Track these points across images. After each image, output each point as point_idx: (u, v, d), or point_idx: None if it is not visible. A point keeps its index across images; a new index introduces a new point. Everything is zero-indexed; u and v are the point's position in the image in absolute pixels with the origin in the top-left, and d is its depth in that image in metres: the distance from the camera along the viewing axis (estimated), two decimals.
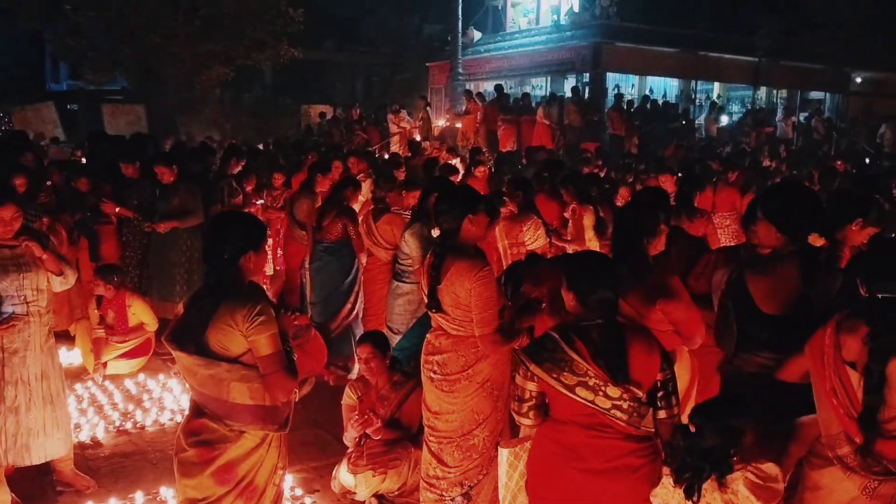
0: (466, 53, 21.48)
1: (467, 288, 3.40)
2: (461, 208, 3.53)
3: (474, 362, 3.53)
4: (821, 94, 23.92)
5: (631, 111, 17.80)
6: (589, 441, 2.70)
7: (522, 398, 2.82)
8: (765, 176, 10.43)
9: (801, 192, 3.31)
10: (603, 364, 2.62)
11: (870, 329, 2.45)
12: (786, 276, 3.05)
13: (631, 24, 19.49)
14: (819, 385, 2.59)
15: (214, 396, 2.82)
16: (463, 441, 3.59)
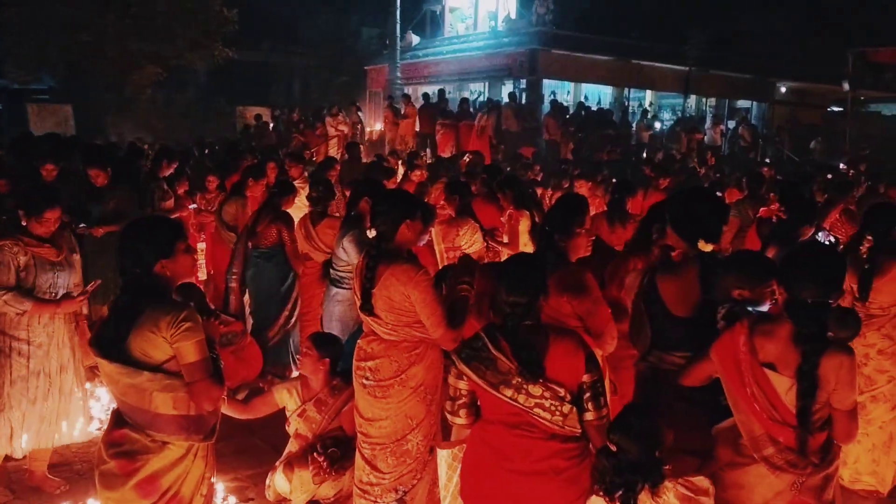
0: (405, 57, 21.50)
1: (403, 293, 3.39)
2: (399, 212, 3.51)
3: (407, 367, 3.51)
4: (747, 103, 24.76)
5: (567, 117, 18.09)
6: (514, 441, 2.72)
7: (454, 397, 2.85)
8: (695, 182, 10.71)
9: (701, 199, 3.38)
10: (520, 360, 2.67)
11: (800, 332, 2.52)
12: (690, 279, 3.15)
13: (566, 32, 19.82)
14: (736, 390, 2.64)
15: (137, 406, 2.73)
16: (396, 447, 3.56)
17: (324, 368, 4.15)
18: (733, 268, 3.04)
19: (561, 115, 17.81)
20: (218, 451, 3.92)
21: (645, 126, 19.30)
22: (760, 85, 23.55)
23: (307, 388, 4.20)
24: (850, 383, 2.48)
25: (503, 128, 17.19)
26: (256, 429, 5.11)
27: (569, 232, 3.55)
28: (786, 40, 23.02)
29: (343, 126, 18.07)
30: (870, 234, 4.44)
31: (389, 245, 3.50)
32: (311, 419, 4.14)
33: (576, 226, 3.58)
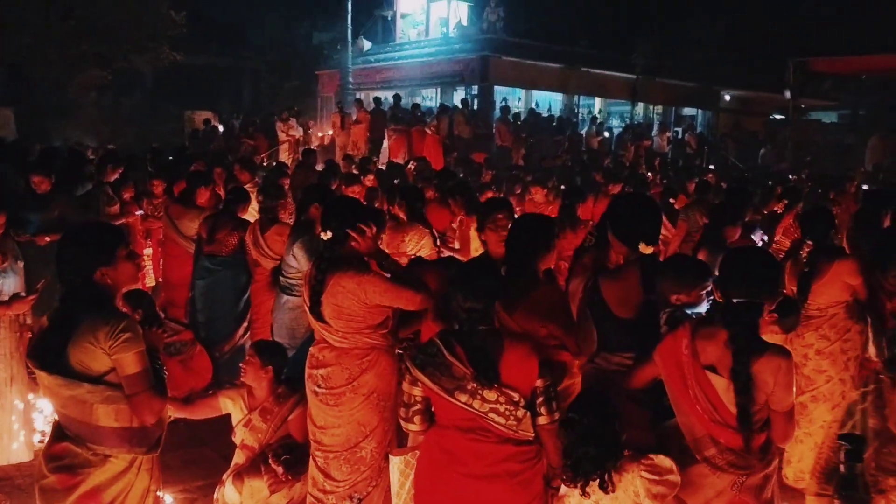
0: (357, 63, 21.44)
1: (354, 299, 3.39)
2: (350, 219, 3.52)
3: (359, 374, 3.50)
4: (693, 111, 25.31)
5: (518, 123, 18.26)
6: (469, 445, 2.74)
7: (408, 403, 2.85)
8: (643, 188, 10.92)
9: (639, 204, 3.47)
10: (475, 366, 2.69)
11: (729, 333, 2.60)
12: (632, 282, 3.23)
13: (517, 40, 20.02)
14: (678, 392, 2.71)
15: (77, 418, 2.67)
16: (350, 454, 3.55)
17: (267, 376, 4.10)
18: (668, 273, 3.13)
19: (512, 122, 17.97)
20: (166, 462, 3.86)
21: (594, 133, 19.59)
22: (705, 93, 24.12)
23: (252, 397, 4.14)
24: (788, 385, 2.56)
25: (455, 133, 17.26)
26: (208, 439, 5.03)
27: (549, 248, 3.50)
28: (729, 50, 23.65)
29: (294, 131, 17.92)
30: (810, 238, 4.62)
31: (340, 251, 3.51)
32: (256, 429, 4.09)
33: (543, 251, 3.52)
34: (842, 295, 4.36)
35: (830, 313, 4.41)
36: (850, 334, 4.35)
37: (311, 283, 3.51)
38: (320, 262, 3.50)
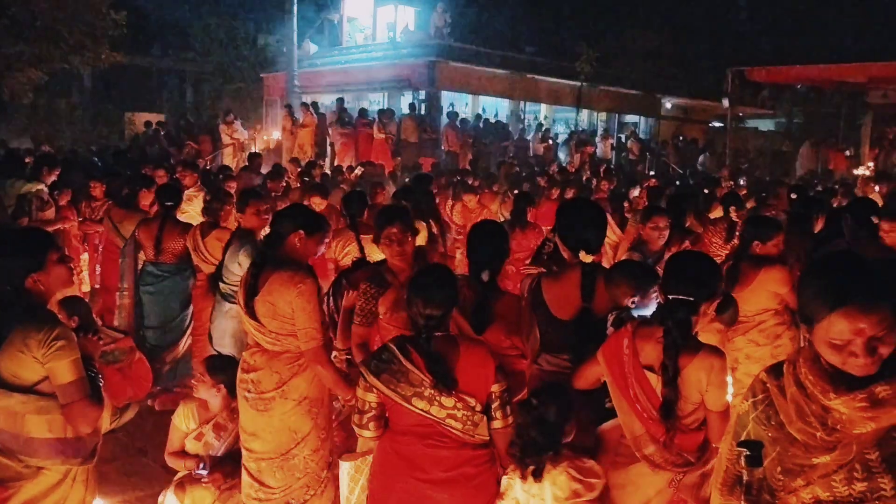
0: (303, 66, 21.24)
1: (287, 300, 3.38)
2: (294, 222, 3.51)
3: (289, 378, 3.48)
4: (636, 118, 25.83)
5: (465, 129, 18.37)
6: (426, 451, 2.74)
7: (363, 410, 2.82)
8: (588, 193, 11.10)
9: (584, 211, 3.54)
10: (433, 374, 2.68)
11: (663, 329, 2.67)
12: (571, 286, 3.30)
13: (464, 46, 20.12)
14: (620, 391, 2.77)
15: (7, 430, 2.58)
16: (283, 461, 3.51)
17: (220, 393, 4.04)
18: (622, 276, 3.19)
19: (460, 127, 18.07)
20: (103, 473, 3.78)
21: (540, 139, 19.83)
22: (647, 100, 24.65)
23: (204, 409, 4.07)
24: (721, 385, 2.63)
25: (402, 138, 17.27)
26: (148, 449, 4.93)
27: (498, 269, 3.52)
28: (671, 59, 24.24)
29: (238, 134, 17.69)
30: (757, 241, 4.58)
31: (278, 251, 3.49)
32: (208, 444, 4.02)
33: (503, 260, 3.55)
34: (769, 303, 4.46)
35: (758, 320, 4.51)
36: (782, 340, 4.46)
37: (246, 279, 3.50)
38: (257, 260, 3.52)
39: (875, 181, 11.33)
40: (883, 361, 1.67)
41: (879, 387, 1.65)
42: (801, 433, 1.78)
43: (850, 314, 1.65)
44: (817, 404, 1.74)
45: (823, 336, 1.70)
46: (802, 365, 1.79)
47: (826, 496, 1.73)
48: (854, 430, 1.69)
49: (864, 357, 1.64)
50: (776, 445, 1.82)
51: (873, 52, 17.71)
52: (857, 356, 1.65)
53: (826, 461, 1.73)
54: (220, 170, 11.29)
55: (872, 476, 1.67)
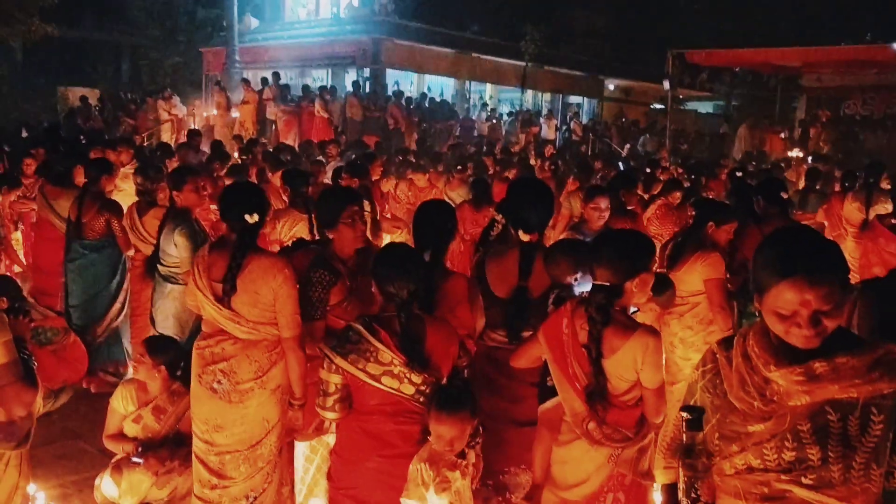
0: (243, 41, 20.79)
1: (271, 287, 3.27)
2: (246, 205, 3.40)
3: (268, 367, 3.37)
4: (580, 99, 26.11)
5: (411, 108, 18.28)
6: (397, 428, 2.75)
7: (327, 392, 2.78)
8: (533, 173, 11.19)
9: (530, 192, 3.57)
10: (405, 351, 2.69)
11: (587, 308, 2.73)
12: (510, 264, 3.35)
13: (409, 23, 19.99)
14: (560, 369, 2.81)
15: None
16: (250, 452, 3.40)
17: (161, 375, 3.96)
18: (565, 255, 3.22)
19: (405, 106, 17.97)
20: (37, 457, 3.68)
21: (485, 118, 19.87)
22: (591, 82, 24.94)
23: (143, 391, 3.99)
24: (656, 364, 2.69)
25: (347, 116, 17.10)
26: (83, 432, 4.83)
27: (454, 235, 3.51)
28: (614, 40, 24.53)
29: (177, 110, 17.25)
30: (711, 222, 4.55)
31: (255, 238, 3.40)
32: (147, 427, 3.94)
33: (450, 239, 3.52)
34: (701, 286, 4.46)
35: (692, 302, 4.51)
36: (714, 326, 4.51)
37: (226, 271, 3.31)
38: (237, 245, 3.33)
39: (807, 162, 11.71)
40: (825, 339, 1.73)
41: (817, 363, 1.71)
42: (740, 401, 1.85)
43: (797, 284, 1.69)
44: (759, 376, 1.81)
45: (771, 305, 1.75)
46: (751, 338, 1.85)
47: (757, 463, 1.80)
48: (790, 401, 1.76)
49: (808, 329, 1.69)
50: (717, 413, 1.90)
51: (808, 37, 18.25)
52: (801, 327, 1.70)
53: (760, 430, 1.80)
54: (157, 147, 11.01)
55: (802, 446, 1.74)
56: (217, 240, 3.59)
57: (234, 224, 3.36)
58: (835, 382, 1.71)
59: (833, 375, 1.71)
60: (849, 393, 1.71)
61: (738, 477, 1.85)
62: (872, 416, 1.71)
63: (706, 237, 4.53)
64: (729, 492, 1.88)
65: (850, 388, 1.71)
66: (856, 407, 1.72)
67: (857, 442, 1.71)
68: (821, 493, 1.72)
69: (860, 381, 1.70)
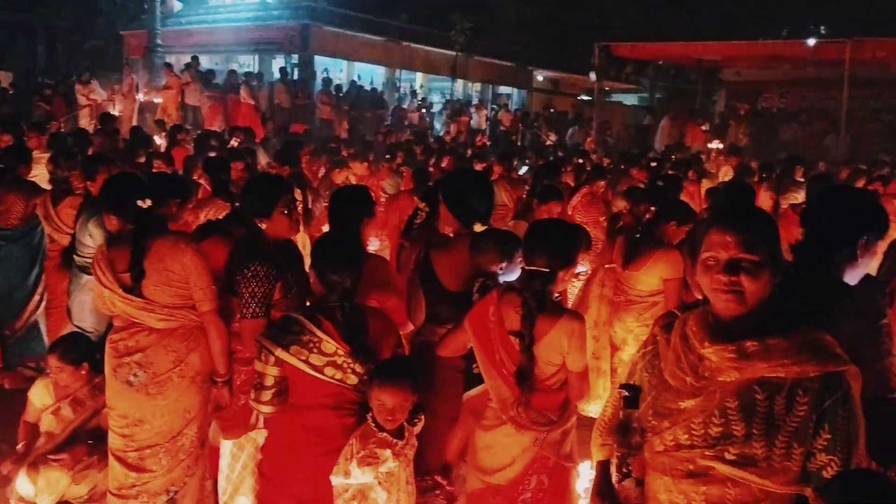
0: (166, 24, 20.14)
1: (182, 262, 3.21)
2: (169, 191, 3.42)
3: (186, 355, 3.30)
4: (509, 90, 26.31)
5: (340, 96, 18.09)
6: (338, 420, 2.74)
7: (264, 385, 2.73)
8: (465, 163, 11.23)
9: (475, 183, 3.60)
10: (349, 342, 2.68)
11: (521, 297, 2.77)
12: (462, 256, 3.34)
13: (339, 10, 19.73)
14: (486, 357, 2.86)
15: None
16: (171, 444, 3.32)
17: (84, 372, 3.87)
18: (488, 244, 3.26)
19: (334, 94, 17.77)
20: None
21: (416, 108, 19.83)
22: (520, 73, 25.15)
23: (62, 385, 3.88)
24: (581, 348, 2.77)
25: (275, 103, 16.81)
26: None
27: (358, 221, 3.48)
28: (542, 32, 24.80)
29: (96, 95, 16.62)
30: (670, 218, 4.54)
31: (158, 219, 3.36)
32: (64, 419, 3.82)
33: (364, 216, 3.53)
34: (660, 285, 4.48)
35: (651, 301, 4.55)
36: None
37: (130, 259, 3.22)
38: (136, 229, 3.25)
39: (726, 154, 12.12)
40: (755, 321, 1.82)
41: (749, 342, 1.80)
42: (673, 378, 1.93)
43: (721, 229, 1.83)
44: (694, 354, 1.89)
45: (702, 257, 1.86)
46: (690, 319, 1.94)
47: (685, 439, 1.88)
48: (720, 377, 1.84)
49: (725, 275, 1.80)
50: (653, 391, 1.97)
51: (728, 32, 18.83)
52: (720, 274, 1.81)
53: (691, 405, 1.88)
54: (73, 133, 10.57)
55: (728, 422, 1.82)
56: (112, 235, 3.48)
57: (127, 214, 3.31)
58: (764, 361, 1.79)
59: (763, 355, 1.79)
60: (777, 373, 1.80)
61: (667, 454, 1.92)
62: (798, 397, 1.79)
63: (664, 235, 4.55)
64: (657, 468, 1.95)
65: (779, 368, 1.79)
66: (783, 387, 1.80)
67: (780, 421, 1.78)
68: (743, 469, 1.79)
69: (789, 361, 1.78)
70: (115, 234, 3.43)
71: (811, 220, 2.46)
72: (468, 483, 3.00)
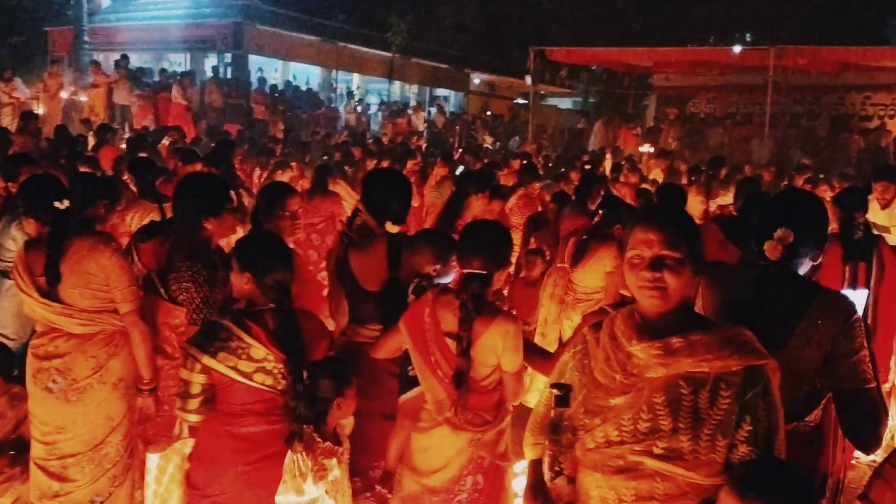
0: (93, 21, 19.55)
1: (101, 264, 3.13)
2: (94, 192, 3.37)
3: (106, 361, 3.22)
4: (447, 92, 26.42)
5: (275, 96, 17.86)
6: (268, 427, 2.67)
7: (190, 393, 2.66)
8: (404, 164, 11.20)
9: (390, 182, 3.61)
10: (281, 347, 2.62)
11: (459, 301, 2.80)
12: (378, 257, 3.35)
13: (274, 9, 19.50)
14: (422, 358, 2.85)
15: None
16: (94, 453, 3.24)
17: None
18: (423, 245, 3.27)
19: (269, 94, 17.54)
20: None
21: (353, 108, 19.73)
22: (457, 75, 25.28)
23: None
24: (516, 349, 2.79)
25: (206, 102, 16.49)
26: None
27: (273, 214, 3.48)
28: (478, 35, 25.01)
29: (18, 93, 16.01)
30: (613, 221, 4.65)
31: (77, 220, 3.26)
32: None
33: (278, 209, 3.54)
34: (602, 282, 4.57)
35: (595, 299, 4.62)
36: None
37: (46, 262, 3.14)
38: (54, 230, 3.16)
39: (656, 157, 12.43)
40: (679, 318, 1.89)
41: (675, 339, 1.87)
42: (603, 375, 1.97)
43: (645, 226, 1.89)
44: (622, 352, 1.94)
45: (627, 256, 1.91)
46: (618, 318, 1.99)
47: (615, 435, 1.92)
48: (647, 374, 1.89)
49: (649, 272, 1.86)
50: (584, 389, 2.01)
51: (658, 39, 19.33)
52: (644, 271, 1.86)
53: (620, 402, 1.92)
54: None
55: (656, 417, 1.87)
56: (31, 239, 3.37)
57: (45, 217, 3.21)
58: (689, 357, 1.85)
59: (688, 350, 1.86)
60: (701, 367, 1.86)
61: (597, 451, 1.95)
62: (721, 391, 1.85)
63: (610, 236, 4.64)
64: (588, 465, 1.98)
65: (703, 363, 1.85)
66: (707, 382, 1.86)
67: (705, 415, 1.84)
68: (670, 463, 1.84)
69: (712, 356, 1.85)
70: (34, 238, 3.33)
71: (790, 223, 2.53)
72: (404, 485, 3.00)
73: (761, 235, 2.50)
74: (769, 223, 2.50)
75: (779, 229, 2.45)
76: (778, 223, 2.47)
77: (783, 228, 2.44)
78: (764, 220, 2.57)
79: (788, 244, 2.43)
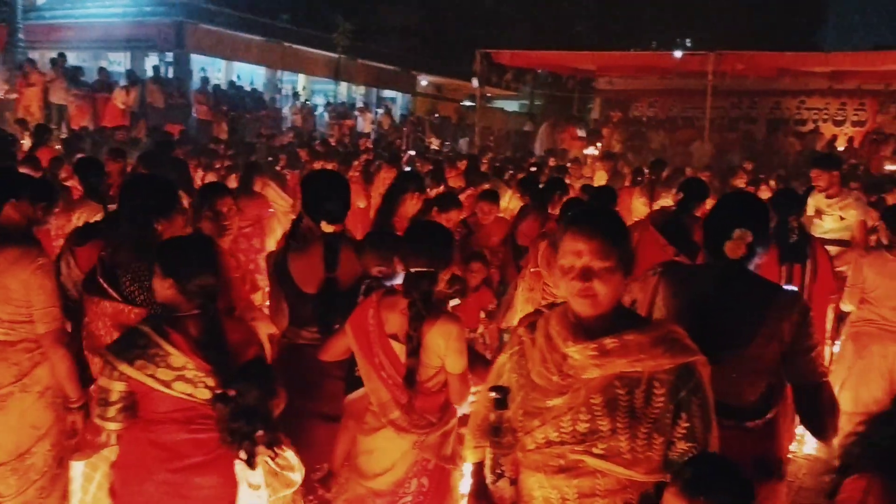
0: (28, 17, 18.93)
1: (22, 279, 3.01)
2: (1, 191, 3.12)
3: (30, 369, 3.12)
4: (393, 93, 26.37)
5: (218, 96, 17.58)
6: (190, 436, 2.58)
7: (109, 401, 2.56)
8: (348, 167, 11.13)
9: (327, 182, 3.60)
10: (204, 356, 2.54)
11: (407, 301, 2.78)
12: (315, 258, 3.33)
13: (216, 7, 19.19)
14: (366, 360, 2.84)
15: None
16: (19, 463, 3.13)
17: None
18: (370, 247, 3.26)
19: (212, 94, 17.26)
20: None
21: (298, 109, 19.54)
22: (404, 77, 25.26)
23: None
24: (459, 350, 2.80)
25: (147, 102, 16.14)
26: None
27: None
28: (425, 37, 25.05)
29: None
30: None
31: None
32: None
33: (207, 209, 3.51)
34: None
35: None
36: None
37: None
38: None
39: (600, 159, 12.63)
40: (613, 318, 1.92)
41: (608, 339, 1.88)
42: (540, 377, 1.98)
43: (573, 235, 1.90)
44: (558, 353, 1.95)
45: (559, 262, 1.92)
46: (553, 318, 2.00)
47: (554, 436, 1.93)
48: (583, 375, 1.91)
49: (579, 280, 1.87)
50: (521, 391, 2.01)
51: (601, 43, 19.64)
52: (574, 280, 1.88)
53: (558, 403, 1.93)
54: None
55: (594, 418, 1.88)
56: None
57: None
58: (623, 357, 1.87)
59: (622, 350, 1.88)
60: (634, 367, 1.88)
61: (538, 451, 1.96)
62: (655, 389, 1.88)
63: None
64: (530, 466, 1.99)
65: (636, 363, 1.88)
66: (640, 381, 1.89)
67: (641, 414, 1.87)
68: (609, 461, 1.86)
69: (644, 356, 1.87)
70: None
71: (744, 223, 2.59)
72: (349, 488, 2.98)
73: (719, 236, 2.55)
74: (726, 224, 2.56)
75: (737, 229, 2.51)
76: (734, 223, 2.53)
77: (741, 228, 2.51)
78: (719, 220, 2.63)
79: (748, 243, 2.50)
